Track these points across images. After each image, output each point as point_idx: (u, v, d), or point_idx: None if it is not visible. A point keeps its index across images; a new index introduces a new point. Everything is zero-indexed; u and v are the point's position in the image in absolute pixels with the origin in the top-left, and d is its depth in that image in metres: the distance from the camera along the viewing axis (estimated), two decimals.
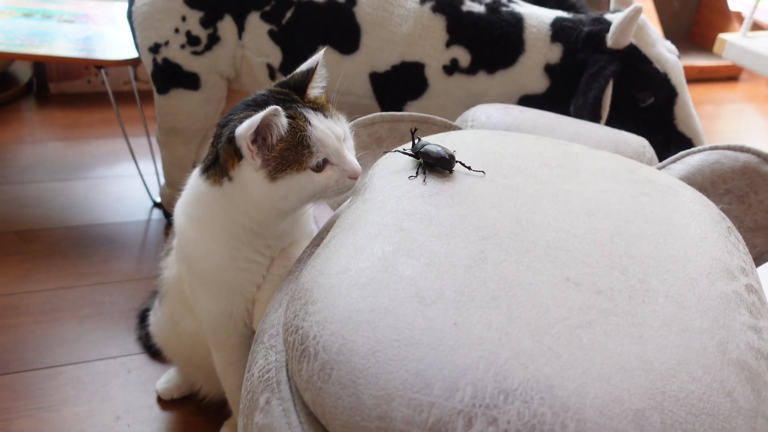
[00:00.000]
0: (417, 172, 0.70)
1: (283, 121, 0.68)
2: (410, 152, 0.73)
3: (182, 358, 1.00)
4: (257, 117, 0.66)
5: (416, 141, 0.73)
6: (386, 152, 0.76)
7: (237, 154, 0.70)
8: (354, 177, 0.74)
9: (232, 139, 0.69)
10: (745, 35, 1.89)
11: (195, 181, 0.79)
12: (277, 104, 0.70)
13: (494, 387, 0.46)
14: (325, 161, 0.72)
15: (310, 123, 0.71)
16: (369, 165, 0.90)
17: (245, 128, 0.67)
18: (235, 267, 0.78)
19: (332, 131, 0.72)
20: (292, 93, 0.76)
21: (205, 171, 0.76)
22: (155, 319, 1.00)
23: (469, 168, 0.71)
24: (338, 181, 0.73)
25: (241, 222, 0.76)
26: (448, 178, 0.68)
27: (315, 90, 0.78)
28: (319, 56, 0.78)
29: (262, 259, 0.79)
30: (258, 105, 0.73)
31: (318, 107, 0.75)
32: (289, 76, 0.79)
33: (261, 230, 0.77)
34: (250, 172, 0.71)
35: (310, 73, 0.77)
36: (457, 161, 0.71)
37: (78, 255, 1.39)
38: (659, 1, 2.78)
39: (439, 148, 0.70)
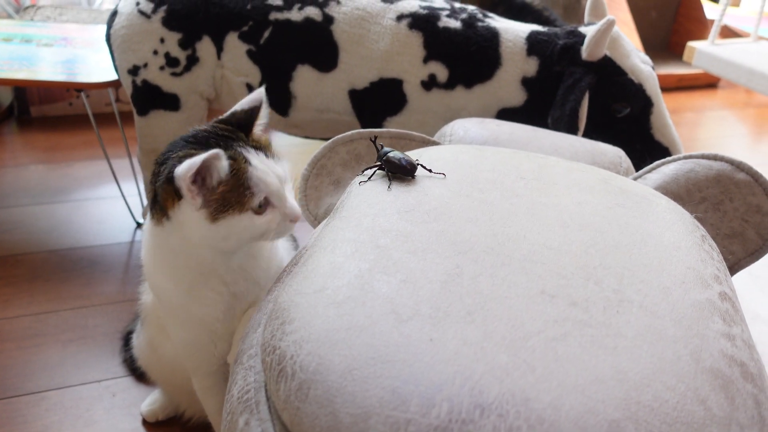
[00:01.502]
0: (370, 177, 0.72)
1: (224, 163, 0.67)
2: (374, 164, 0.74)
3: (164, 381, 1.00)
4: (198, 159, 0.64)
5: (380, 148, 0.74)
6: (364, 170, 0.77)
7: (177, 194, 0.69)
8: (294, 221, 0.74)
9: (171, 179, 0.68)
10: (713, 42, 1.92)
11: (147, 230, 0.78)
12: (218, 141, 0.70)
13: (470, 402, 0.46)
14: (267, 202, 0.72)
15: (250, 163, 0.70)
16: (348, 182, 0.90)
17: (185, 169, 0.65)
18: (194, 303, 0.77)
19: (274, 171, 0.72)
20: (236, 131, 0.75)
21: (150, 210, 0.75)
22: (137, 342, 1.00)
23: (430, 171, 0.73)
24: (279, 225, 0.73)
25: (184, 261, 0.75)
26: (424, 193, 0.69)
27: (257, 128, 0.78)
28: (261, 94, 0.77)
29: (219, 297, 0.78)
30: (198, 142, 0.72)
31: (260, 147, 0.74)
32: (230, 113, 0.77)
33: (208, 270, 0.75)
34: (190, 212, 0.70)
35: (255, 111, 0.76)
36: (418, 164, 0.72)
37: (61, 278, 1.39)
38: (637, 11, 2.81)
39: (401, 156, 0.72)
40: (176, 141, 0.74)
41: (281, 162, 0.76)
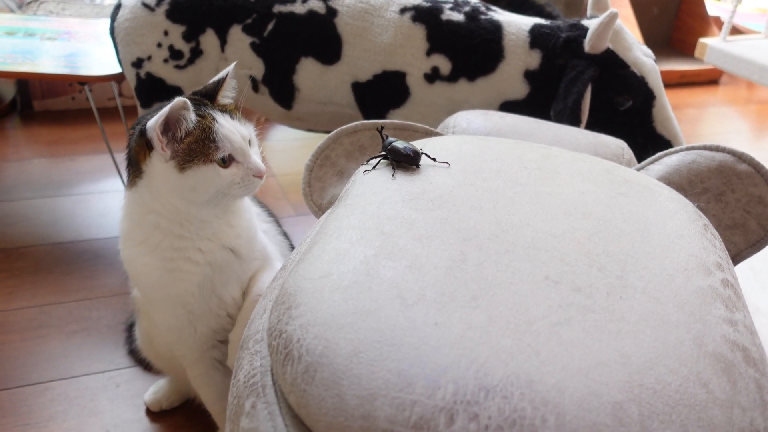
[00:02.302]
0: (375, 166, 0.73)
1: (191, 115, 0.75)
2: (379, 153, 0.75)
3: (167, 369, 1.01)
4: (166, 108, 0.72)
5: (385, 138, 0.75)
6: (369, 160, 0.77)
7: (148, 147, 0.76)
8: (258, 175, 0.79)
9: (143, 133, 0.75)
10: (725, 39, 1.92)
11: (124, 199, 0.84)
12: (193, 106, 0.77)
13: (475, 384, 0.47)
14: (231, 158, 0.77)
15: (217, 121, 0.77)
16: (352, 172, 0.90)
17: (155, 120, 0.73)
18: (170, 278, 0.80)
19: (238, 131, 0.78)
20: (204, 99, 0.82)
21: (127, 175, 0.82)
22: (138, 333, 1.01)
23: (434, 159, 0.73)
24: (243, 179, 0.78)
25: (158, 223, 0.79)
26: (429, 182, 0.69)
27: (225, 99, 0.85)
28: (229, 68, 0.84)
29: (194, 268, 0.81)
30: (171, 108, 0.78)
31: (226, 111, 0.81)
32: (201, 87, 0.84)
33: (181, 231, 0.80)
34: (160, 164, 0.76)
35: (220, 82, 0.83)
36: (422, 153, 0.73)
37: (64, 271, 1.39)
38: (639, 7, 2.82)
39: (406, 145, 0.72)
40: (149, 111, 0.80)
41: (247, 125, 0.82)
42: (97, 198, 1.67)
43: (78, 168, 1.81)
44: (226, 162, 0.77)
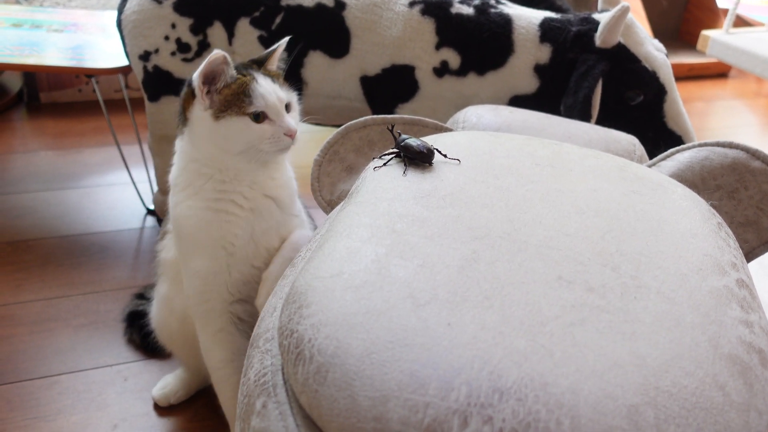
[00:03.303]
0: (386, 162, 0.73)
1: (231, 70, 0.82)
2: (391, 150, 0.74)
3: (178, 347, 1.01)
4: (207, 59, 0.79)
5: (397, 136, 0.74)
6: (374, 158, 0.76)
7: (193, 96, 0.83)
8: (289, 134, 0.83)
9: (190, 83, 0.84)
10: (728, 31, 1.90)
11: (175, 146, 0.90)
12: (240, 67, 0.84)
13: (489, 386, 0.46)
14: (265, 116, 0.82)
15: (256, 80, 0.83)
16: (362, 168, 0.90)
17: (198, 71, 0.81)
18: (214, 219, 0.85)
19: (275, 92, 0.83)
20: (254, 64, 0.89)
21: (178, 125, 0.88)
22: (153, 310, 1.02)
23: (445, 156, 0.73)
24: (273, 135, 0.83)
25: (200, 169, 0.85)
26: (440, 179, 0.69)
27: (273, 67, 0.91)
28: (283, 42, 0.91)
29: (238, 210, 0.85)
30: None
31: (269, 74, 0.86)
32: (255, 56, 0.91)
33: (222, 176, 0.85)
34: (200, 111, 0.83)
35: (271, 53, 0.90)
36: (435, 149, 0.73)
37: (71, 264, 1.39)
38: (648, 0, 2.79)
39: (419, 142, 0.72)
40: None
41: (289, 92, 0.87)
42: (104, 190, 1.67)
43: (85, 160, 1.81)
44: (260, 118, 0.82)
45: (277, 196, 0.88)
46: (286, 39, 0.91)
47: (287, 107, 0.85)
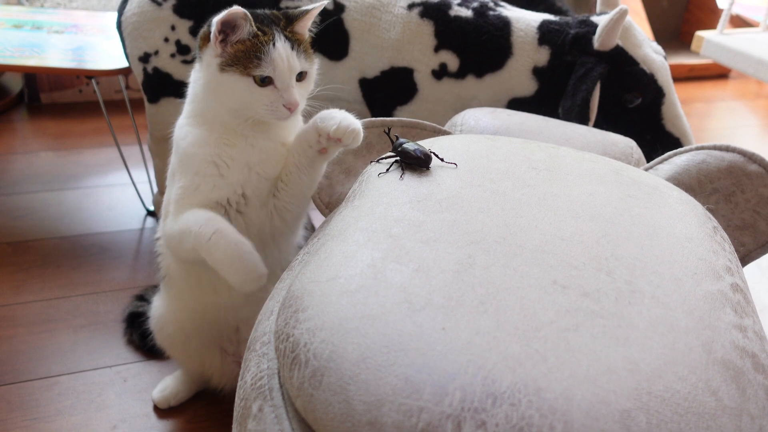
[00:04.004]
0: (388, 169, 0.72)
1: (248, 26, 0.78)
2: (389, 154, 0.75)
3: (177, 343, 1.00)
4: (228, 10, 0.77)
5: (394, 140, 0.74)
6: (372, 161, 0.77)
7: (209, 38, 0.81)
8: (288, 107, 0.80)
9: (210, 24, 0.81)
10: (722, 32, 1.90)
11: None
12: (264, 19, 0.81)
13: (482, 391, 0.47)
14: (271, 81, 0.79)
15: (274, 43, 0.79)
16: (360, 170, 0.90)
17: (217, 17, 0.78)
18: (212, 140, 0.83)
19: (289, 60, 0.79)
20: (283, 20, 0.83)
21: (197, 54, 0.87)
22: (155, 306, 1.02)
23: (442, 159, 0.74)
24: (273, 103, 0.80)
25: (205, 104, 0.83)
26: (436, 183, 0.69)
27: (304, 29, 0.85)
28: (322, 3, 0.87)
29: (239, 141, 0.83)
30: (255, 16, 0.81)
31: (292, 39, 0.81)
32: (293, 8, 0.88)
33: (221, 125, 0.82)
34: (210, 56, 0.81)
35: (304, 12, 0.84)
36: (432, 154, 0.73)
37: (72, 265, 1.40)
38: (649, 0, 2.80)
39: (416, 147, 0.72)
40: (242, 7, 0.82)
41: (307, 60, 0.83)
42: (104, 191, 1.68)
43: (85, 161, 1.81)
44: (265, 82, 0.79)
45: (285, 139, 0.86)
46: (324, 2, 0.88)
47: (301, 75, 0.82)
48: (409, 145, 0.72)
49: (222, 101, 0.82)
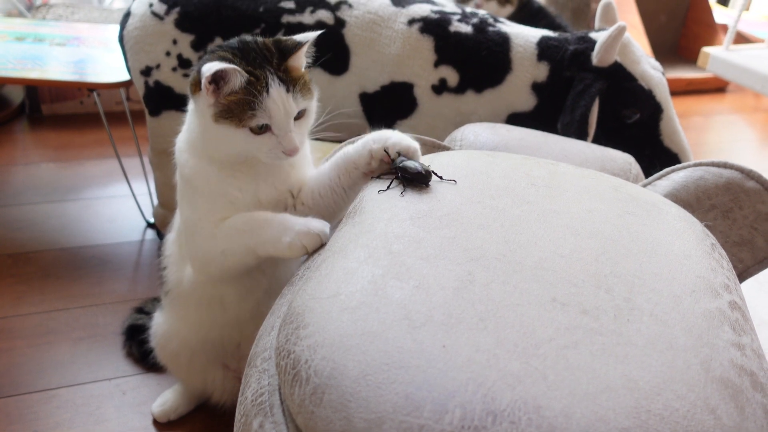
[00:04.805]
0: (389, 186, 0.73)
1: (240, 78, 0.74)
2: (389, 170, 0.75)
3: (181, 361, 1.00)
4: (216, 66, 0.73)
5: (395, 156, 0.75)
6: (372, 177, 0.77)
7: (200, 85, 0.76)
8: (288, 153, 0.78)
9: (199, 71, 0.76)
10: (728, 48, 1.92)
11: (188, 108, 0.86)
12: (257, 59, 0.77)
13: (482, 408, 0.47)
14: (268, 128, 0.77)
15: (267, 91, 0.76)
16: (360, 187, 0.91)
17: (207, 68, 0.73)
18: (218, 177, 0.81)
19: (284, 106, 0.77)
20: (276, 56, 0.79)
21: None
22: (156, 323, 1.02)
23: (441, 178, 0.74)
24: (271, 150, 0.78)
25: (202, 141, 0.81)
26: (436, 199, 0.69)
27: (298, 61, 0.81)
28: (312, 35, 0.82)
29: (245, 175, 0.81)
30: (243, 52, 0.78)
31: (286, 79, 0.78)
32: (285, 38, 0.82)
33: (225, 162, 0.81)
34: (204, 105, 0.77)
35: (297, 46, 0.80)
36: (432, 171, 0.73)
37: (71, 277, 1.40)
38: (646, 15, 2.81)
39: (416, 164, 0.72)
40: (231, 41, 0.81)
41: (305, 99, 0.80)
42: (104, 203, 1.68)
43: (86, 172, 1.82)
44: (262, 129, 0.77)
45: (288, 174, 0.85)
46: (316, 33, 0.83)
47: (300, 113, 0.79)
48: (409, 162, 0.73)
49: (219, 148, 0.80)
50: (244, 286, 0.88)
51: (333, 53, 1.21)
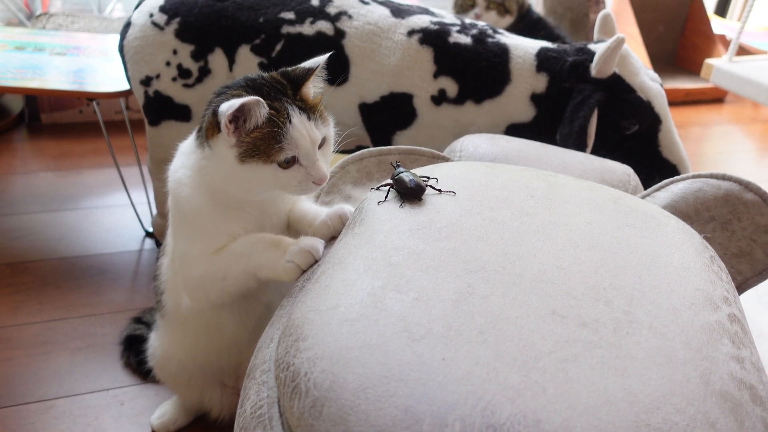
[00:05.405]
0: (386, 196, 0.73)
1: (263, 111, 0.72)
2: (387, 181, 0.75)
3: (180, 379, 0.99)
4: (239, 101, 0.70)
5: (395, 167, 0.75)
6: (372, 188, 0.77)
7: (217, 127, 0.74)
8: (318, 183, 0.76)
9: (215, 112, 0.73)
10: (731, 60, 1.93)
11: (191, 137, 0.83)
12: (270, 92, 0.75)
13: (482, 422, 0.47)
14: (295, 159, 0.75)
15: (290, 121, 0.74)
16: (358, 199, 0.91)
17: (227, 107, 0.70)
18: (219, 217, 0.80)
19: (309, 134, 0.75)
20: (289, 86, 0.78)
21: (198, 131, 0.80)
22: (153, 345, 1.01)
23: (439, 191, 0.73)
24: (301, 183, 0.76)
25: (215, 187, 0.79)
26: (436, 211, 0.69)
27: (313, 89, 0.80)
28: (322, 59, 0.80)
29: (247, 215, 0.81)
30: (254, 88, 0.76)
31: (305, 108, 0.76)
32: (292, 68, 0.81)
33: (233, 203, 0.79)
34: (224, 147, 0.74)
35: (309, 72, 0.79)
36: (428, 185, 0.73)
37: (70, 286, 1.40)
38: (645, 25, 2.83)
39: (412, 177, 0.72)
40: (238, 80, 0.79)
41: (326, 125, 0.78)
42: (103, 212, 1.68)
43: (84, 182, 1.82)
44: (289, 162, 0.74)
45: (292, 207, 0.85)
46: (325, 57, 0.81)
47: (321, 142, 0.77)
48: (406, 175, 0.72)
49: (249, 189, 0.77)
50: (242, 309, 0.88)
51: (332, 64, 1.21)
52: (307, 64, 0.80)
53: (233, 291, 0.82)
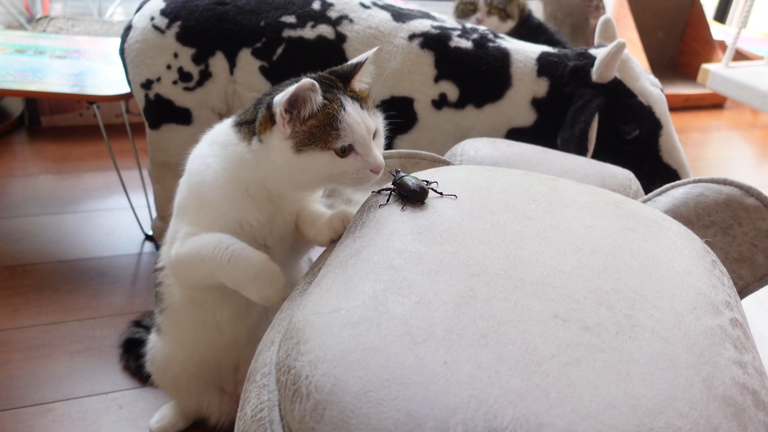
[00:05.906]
0: (388, 200, 0.73)
1: (317, 97, 0.72)
2: (389, 186, 0.75)
3: (180, 384, 0.99)
4: (293, 87, 0.70)
5: (396, 171, 0.75)
6: (373, 192, 0.77)
7: (271, 120, 0.74)
8: (375, 171, 0.76)
9: (270, 105, 0.74)
10: (727, 65, 1.93)
11: (224, 129, 0.83)
12: (321, 87, 0.74)
13: (484, 426, 0.47)
14: (351, 148, 0.74)
15: (344, 108, 0.74)
16: (359, 202, 0.91)
17: (281, 96, 0.72)
18: (238, 201, 0.80)
19: (364, 122, 0.75)
20: (338, 81, 0.78)
21: (238, 125, 0.80)
22: (152, 348, 1.00)
23: (441, 194, 0.73)
24: (359, 171, 0.75)
25: (252, 179, 0.79)
26: (437, 214, 0.69)
27: (361, 84, 0.81)
28: (370, 53, 0.81)
29: (262, 208, 0.81)
30: None
31: (357, 98, 0.77)
32: (339, 66, 0.81)
33: (269, 195, 0.80)
34: (278, 140, 0.74)
35: (357, 66, 0.79)
36: (430, 188, 0.73)
37: (69, 289, 1.39)
38: (644, 31, 2.83)
39: (414, 181, 0.72)
40: (284, 83, 0.79)
41: (375, 116, 0.79)
42: (103, 215, 1.68)
43: (84, 185, 1.81)
44: (345, 151, 0.74)
45: (306, 198, 0.85)
46: (373, 51, 0.82)
47: (374, 134, 0.77)
48: (408, 179, 0.73)
49: (303, 182, 0.77)
50: (241, 307, 0.88)
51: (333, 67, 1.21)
52: (354, 59, 0.81)
53: (202, 284, 0.83)
